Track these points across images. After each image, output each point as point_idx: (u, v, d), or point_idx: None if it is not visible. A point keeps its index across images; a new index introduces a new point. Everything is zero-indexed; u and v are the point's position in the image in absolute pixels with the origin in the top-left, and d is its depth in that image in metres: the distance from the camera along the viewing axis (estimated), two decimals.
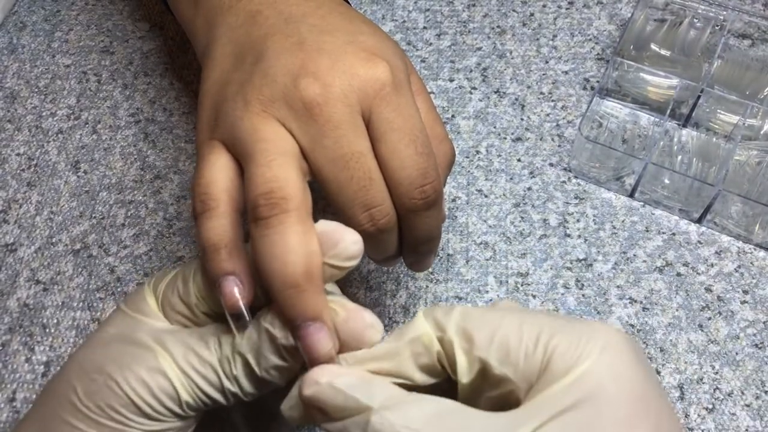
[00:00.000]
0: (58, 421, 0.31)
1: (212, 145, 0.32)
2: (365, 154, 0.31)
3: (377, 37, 0.34)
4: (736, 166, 0.47)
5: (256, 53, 0.33)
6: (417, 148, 0.32)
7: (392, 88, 0.32)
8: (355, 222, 0.32)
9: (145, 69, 0.55)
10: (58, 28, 0.57)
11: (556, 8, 0.56)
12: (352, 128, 0.31)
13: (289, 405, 0.30)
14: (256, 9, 0.34)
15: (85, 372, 0.31)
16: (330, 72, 0.31)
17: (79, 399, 0.30)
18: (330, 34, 0.33)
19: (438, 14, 0.56)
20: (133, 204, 0.49)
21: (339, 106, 0.31)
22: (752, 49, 0.53)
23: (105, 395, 0.30)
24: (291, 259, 0.28)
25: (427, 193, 0.32)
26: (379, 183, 0.32)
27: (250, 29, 0.34)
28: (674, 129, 0.49)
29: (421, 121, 0.33)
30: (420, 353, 0.28)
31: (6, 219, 0.48)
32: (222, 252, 0.30)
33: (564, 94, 0.52)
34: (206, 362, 0.30)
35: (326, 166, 0.31)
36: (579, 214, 0.47)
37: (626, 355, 0.26)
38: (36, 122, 0.52)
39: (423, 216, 0.33)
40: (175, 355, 0.30)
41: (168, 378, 0.30)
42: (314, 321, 0.29)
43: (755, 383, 0.41)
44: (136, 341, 0.31)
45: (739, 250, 0.45)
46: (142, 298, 0.33)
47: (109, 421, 0.30)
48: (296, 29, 0.33)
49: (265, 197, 0.29)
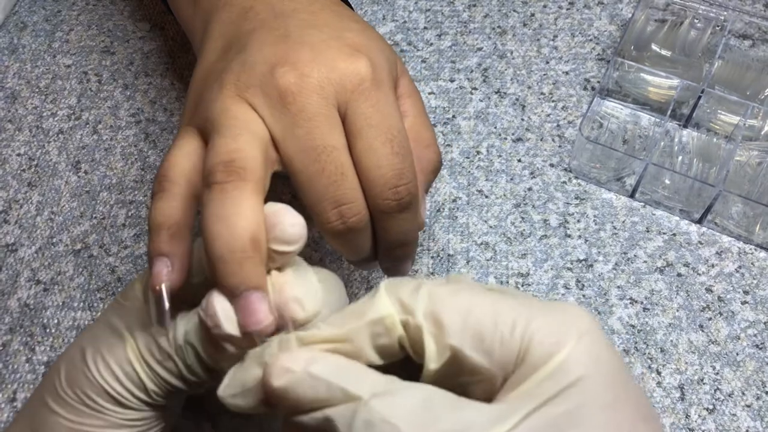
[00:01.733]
0: (43, 406, 0.32)
1: (186, 131, 0.32)
2: (338, 148, 0.30)
3: (365, 35, 0.33)
4: (737, 166, 0.47)
5: (240, 45, 0.32)
6: (393, 147, 0.31)
7: (371, 84, 0.31)
8: (324, 218, 0.31)
9: (146, 69, 0.55)
10: (58, 28, 0.57)
11: (557, 8, 0.56)
12: (326, 120, 0.30)
13: (233, 392, 0.27)
14: (250, 5, 0.34)
15: (70, 357, 0.32)
16: (309, 63, 0.31)
17: (60, 385, 0.31)
18: (316, 29, 0.32)
19: (439, 14, 0.56)
20: (134, 204, 0.49)
21: (314, 96, 0.30)
22: (753, 49, 0.53)
23: (81, 382, 0.31)
24: (240, 224, 0.27)
25: (401, 194, 0.31)
26: (351, 180, 0.30)
27: (240, 24, 0.34)
28: (675, 129, 0.49)
29: (401, 121, 0.32)
30: (379, 334, 0.26)
31: (7, 219, 0.48)
32: (162, 233, 0.29)
33: (564, 94, 0.52)
34: (164, 351, 0.30)
35: (296, 156, 0.30)
36: (579, 215, 0.47)
37: (601, 339, 0.25)
38: (37, 122, 0.52)
39: (396, 218, 0.32)
40: (139, 344, 0.31)
41: (133, 367, 0.31)
42: (256, 290, 0.27)
43: (756, 384, 0.41)
44: (113, 327, 0.32)
45: (740, 251, 0.45)
46: (131, 285, 0.33)
47: (86, 408, 0.31)
48: (284, 23, 0.33)
49: (225, 164, 0.28)
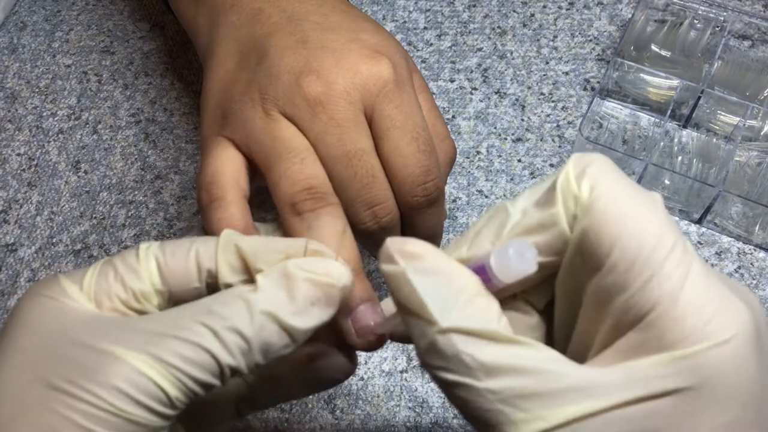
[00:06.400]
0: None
1: (218, 141, 0.32)
2: (368, 151, 0.31)
3: (380, 34, 0.34)
4: (737, 166, 0.47)
5: (259, 52, 0.33)
6: (419, 145, 0.32)
7: (395, 86, 0.32)
8: (359, 220, 0.32)
9: (146, 69, 0.55)
10: (58, 28, 0.57)
11: (557, 9, 0.56)
12: (354, 126, 0.31)
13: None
14: (258, 7, 0.34)
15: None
16: (333, 70, 0.31)
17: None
18: (333, 32, 0.33)
19: (439, 15, 0.56)
20: (134, 204, 0.49)
21: (342, 103, 0.31)
22: (752, 50, 0.53)
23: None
24: (347, 244, 0.30)
25: (429, 190, 0.32)
26: (381, 181, 0.32)
27: (252, 28, 0.34)
28: (674, 130, 0.49)
29: (424, 119, 0.33)
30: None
31: (6, 219, 0.48)
32: None
33: (564, 94, 0.52)
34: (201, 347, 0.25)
35: (329, 163, 0.31)
36: None
37: (754, 348, 0.21)
38: (36, 122, 0.52)
39: (425, 213, 0.33)
40: (155, 350, 0.24)
41: (148, 376, 0.24)
42: (368, 301, 0.29)
43: None
44: (79, 343, 0.24)
45: (740, 251, 0.46)
46: (57, 285, 0.26)
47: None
48: (299, 27, 0.33)
49: (309, 192, 0.30)
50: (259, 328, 0.25)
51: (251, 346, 0.25)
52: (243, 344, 0.25)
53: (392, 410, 0.41)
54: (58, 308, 0.25)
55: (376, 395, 0.42)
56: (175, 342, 0.24)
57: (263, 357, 0.25)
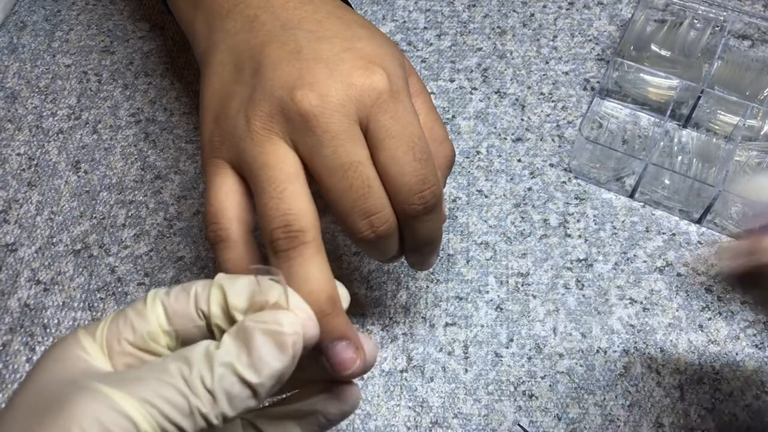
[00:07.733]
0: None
1: (217, 165, 0.33)
2: (363, 162, 0.32)
3: (375, 42, 0.34)
4: (737, 166, 0.47)
5: (254, 63, 0.33)
6: (415, 154, 0.32)
7: (389, 96, 0.32)
8: (356, 229, 0.32)
9: (146, 69, 0.55)
10: (58, 27, 0.57)
11: (557, 9, 0.56)
12: (349, 137, 0.31)
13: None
14: (254, 13, 0.34)
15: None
16: (327, 82, 0.31)
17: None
18: (327, 42, 0.33)
19: (438, 14, 0.56)
20: (134, 204, 0.49)
21: (336, 116, 0.31)
22: (752, 49, 0.53)
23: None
24: (315, 288, 0.30)
25: (426, 198, 0.32)
26: (377, 190, 0.32)
27: (247, 36, 0.34)
28: (674, 129, 0.49)
29: (420, 127, 0.33)
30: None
31: (6, 219, 0.48)
32: None
33: (564, 94, 0.52)
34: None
35: (325, 175, 0.31)
36: (579, 215, 0.47)
37: None
38: (36, 122, 0.52)
39: (423, 220, 0.33)
40: (142, 391, 0.26)
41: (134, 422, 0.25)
42: (341, 339, 0.30)
43: (755, 384, 0.41)
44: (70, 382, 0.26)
45: None
46: (76, 343, 0.28)
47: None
48: (293, 36, 0.33)
49: (283, 230, 0.30)
50: (219, 378, 0.26)
51: (215, 395, 0.26)
52: (207, 394, 0.26)
53: (392, 410, 0.41)
54: (68, 360, 0.27)
55: (376, 395, 0.42)
56: (153, 381, 0.26)
57: (231, 407, 0.26)
